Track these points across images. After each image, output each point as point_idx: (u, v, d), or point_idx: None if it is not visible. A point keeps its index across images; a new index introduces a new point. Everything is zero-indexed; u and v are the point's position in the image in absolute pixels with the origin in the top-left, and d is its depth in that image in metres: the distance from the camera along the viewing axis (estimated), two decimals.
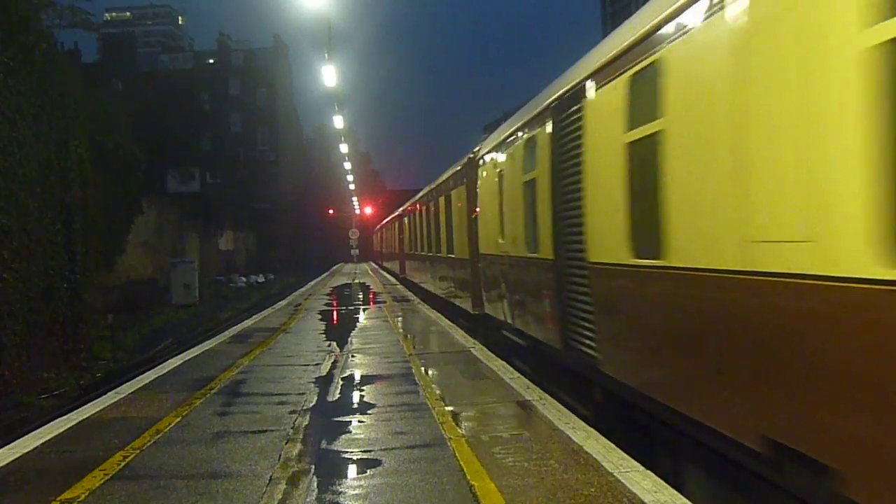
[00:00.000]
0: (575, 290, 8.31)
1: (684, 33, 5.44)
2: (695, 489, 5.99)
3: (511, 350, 12.59)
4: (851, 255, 3.71)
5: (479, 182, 15.25)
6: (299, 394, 9.72)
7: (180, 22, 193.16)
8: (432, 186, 23.91)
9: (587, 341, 7.91)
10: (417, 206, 28.55)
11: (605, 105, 7.24)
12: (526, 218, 10.66)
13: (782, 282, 4.28)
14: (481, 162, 14.87)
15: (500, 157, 12.78)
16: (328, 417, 8.41)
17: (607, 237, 7.18)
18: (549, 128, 9.21)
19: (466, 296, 17.33)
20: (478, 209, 15.40)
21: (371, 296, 29.25)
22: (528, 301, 11.03)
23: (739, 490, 5.49)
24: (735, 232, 4.79)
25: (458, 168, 18.20)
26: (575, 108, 8.12)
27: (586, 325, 7.93)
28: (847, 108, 3.71)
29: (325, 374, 11.28)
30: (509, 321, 12.35)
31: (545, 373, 10.44)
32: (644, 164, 6.19)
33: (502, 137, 12.58)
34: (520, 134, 11.09)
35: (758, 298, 4.57)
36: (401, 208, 34.46)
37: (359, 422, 8.19)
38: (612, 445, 6.78)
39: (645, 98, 6.13)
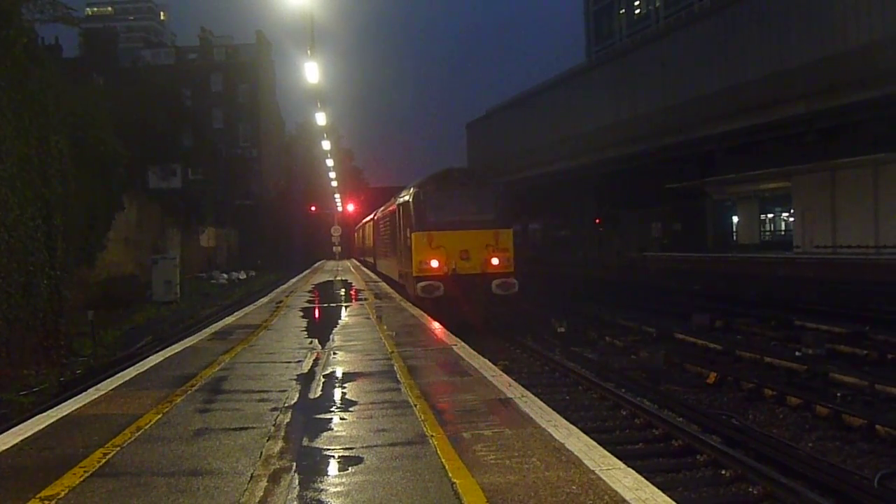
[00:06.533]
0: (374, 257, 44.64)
1: (373, 218, 42.49)
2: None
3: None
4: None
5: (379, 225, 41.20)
6: (281, 391, 9.70)
7: (162, 17, 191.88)
8: None
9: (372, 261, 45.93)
10: None
11: (371, 222, 46.85)
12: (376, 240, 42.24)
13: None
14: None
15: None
16: (310, 415, 8.40)
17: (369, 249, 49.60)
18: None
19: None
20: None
21: (353, 293, 29.21)
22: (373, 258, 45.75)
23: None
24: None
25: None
26: (371, 219, 45.88)
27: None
28: (382, 239, 37.03)
29: (306, 371, 11.26)
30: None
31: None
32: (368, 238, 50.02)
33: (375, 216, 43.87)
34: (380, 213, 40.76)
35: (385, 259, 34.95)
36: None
37: (340, 419, 8.18)
38: (594, 443, 6.82)
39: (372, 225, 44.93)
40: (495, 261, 22.31)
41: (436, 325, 17.08)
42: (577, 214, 67.11)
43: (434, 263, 22.20)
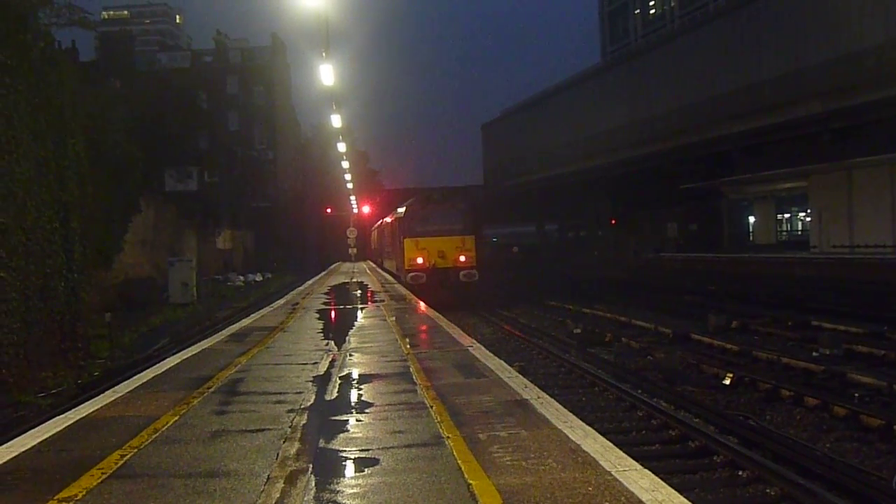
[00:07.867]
0: (381, 257, 53.78)
1: (379, 225, 54.62)
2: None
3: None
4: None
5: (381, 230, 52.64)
6: (297, 392, 9.72)
7: (178, 20, 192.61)
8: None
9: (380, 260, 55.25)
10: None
11: (378, 228, 57.90)
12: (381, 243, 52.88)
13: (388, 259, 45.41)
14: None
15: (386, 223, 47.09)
16: (326, 416, 8.41)
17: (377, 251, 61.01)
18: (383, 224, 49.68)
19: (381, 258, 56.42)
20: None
21: (369, 294, 29.24)
22: (380, 258, 55.15)
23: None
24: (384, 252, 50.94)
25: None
26: (378, 226, 57.06)
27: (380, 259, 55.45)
28: (385, 242, 49.04)
29: (322, 372, 11.29)
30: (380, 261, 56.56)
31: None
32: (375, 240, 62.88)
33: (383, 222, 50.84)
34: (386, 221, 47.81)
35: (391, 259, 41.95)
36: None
37: (356, 421, 8.19)
38: (610, 444, 6.81)
39: (378, 231, 57.12)
40: (462, 258, 31.17)
41: (451, 326, 17.07)
42: (592, 215, 66.99)
43: (419, 260, 31.19)
